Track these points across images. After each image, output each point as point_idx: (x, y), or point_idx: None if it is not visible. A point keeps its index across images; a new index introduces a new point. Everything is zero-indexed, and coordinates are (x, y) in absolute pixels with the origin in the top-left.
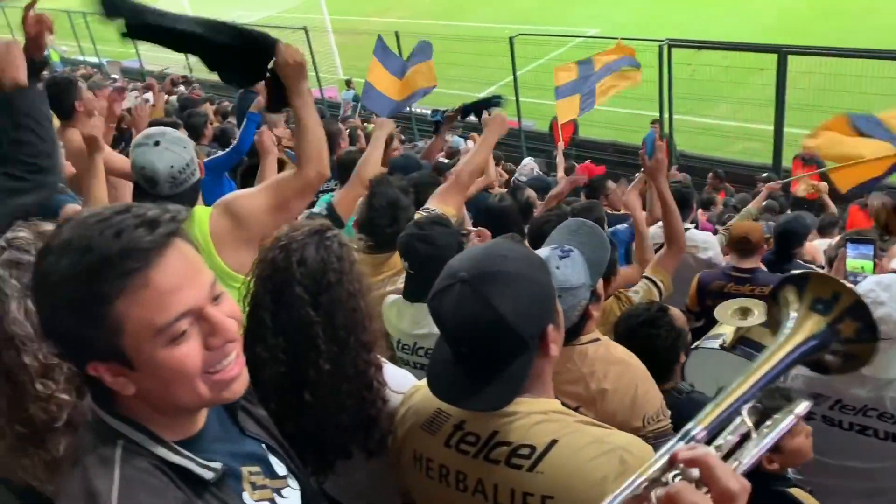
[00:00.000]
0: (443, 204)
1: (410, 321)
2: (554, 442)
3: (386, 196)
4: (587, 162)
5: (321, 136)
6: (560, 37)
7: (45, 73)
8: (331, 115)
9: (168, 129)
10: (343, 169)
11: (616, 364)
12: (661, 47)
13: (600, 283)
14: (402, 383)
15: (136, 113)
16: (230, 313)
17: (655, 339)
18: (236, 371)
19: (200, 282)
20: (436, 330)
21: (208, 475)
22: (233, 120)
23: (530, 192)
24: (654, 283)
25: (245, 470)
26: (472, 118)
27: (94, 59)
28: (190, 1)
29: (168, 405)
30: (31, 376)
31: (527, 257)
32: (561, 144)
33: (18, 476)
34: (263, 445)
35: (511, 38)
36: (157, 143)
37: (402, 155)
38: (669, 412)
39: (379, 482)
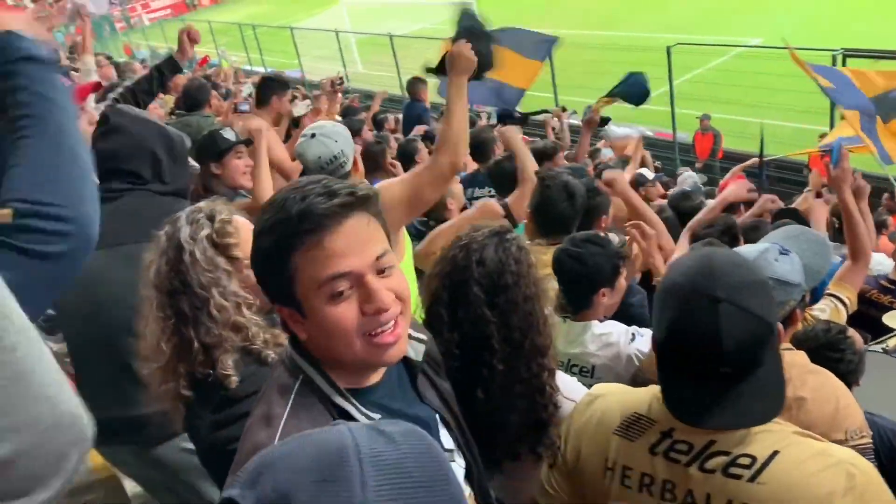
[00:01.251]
0: None
1: (564, 339)
2: (776, 453)
3: (558, 178)
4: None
5: (464, 128)
6: (719, 46)
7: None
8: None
9: (328, 123)
10: (498, 177)
11: (815, 373)
12: (834, 57)
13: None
14: (573, 390)
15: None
16: (392, 287)
17: (837, 364)
18: (392, 339)
19: (367, 252)
20: (590, 349)
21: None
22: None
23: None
24: (841, 300)
25: None
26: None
27: (261, 69)
28: (349, 11)
29: (330, 355)
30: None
31: (748, 261)
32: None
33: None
34: (438, 416)
35: (668, 48)
36: (313, 135)
37: (569, 167)
38: None
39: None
